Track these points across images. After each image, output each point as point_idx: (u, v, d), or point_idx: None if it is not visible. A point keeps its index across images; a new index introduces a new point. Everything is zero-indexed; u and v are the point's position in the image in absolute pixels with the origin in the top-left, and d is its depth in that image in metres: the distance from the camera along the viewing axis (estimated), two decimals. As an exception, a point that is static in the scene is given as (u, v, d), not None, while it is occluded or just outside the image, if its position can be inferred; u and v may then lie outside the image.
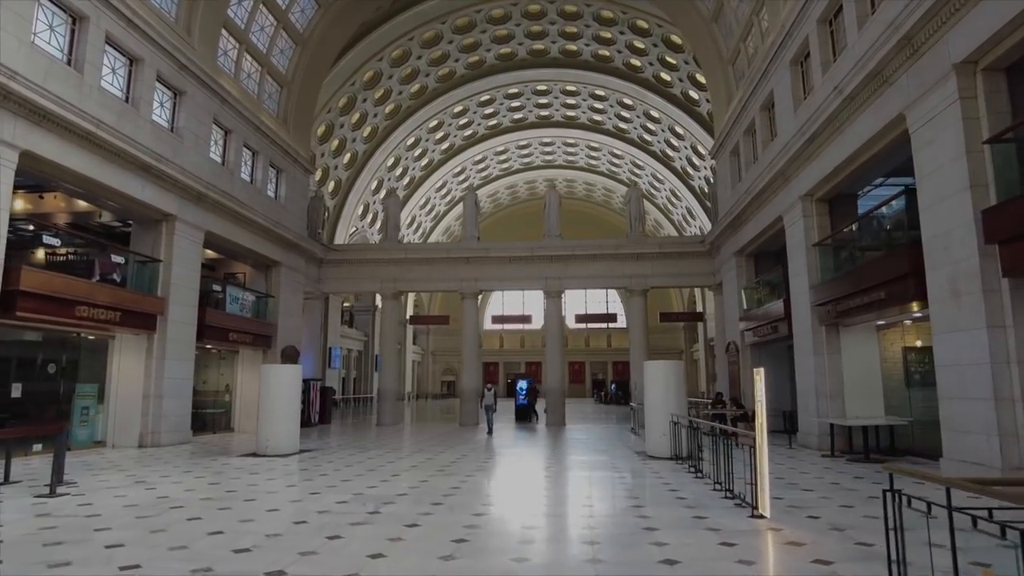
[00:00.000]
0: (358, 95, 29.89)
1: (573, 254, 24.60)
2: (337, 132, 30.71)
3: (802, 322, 15.13)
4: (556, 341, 24.76)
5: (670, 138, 33.69)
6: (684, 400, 13.37)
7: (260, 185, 21.22)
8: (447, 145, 39.94)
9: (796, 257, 15.50)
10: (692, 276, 24.67)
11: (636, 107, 33.36)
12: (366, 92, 30.15)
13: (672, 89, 29.64)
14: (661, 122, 32.80)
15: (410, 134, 35.56)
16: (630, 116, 35.02)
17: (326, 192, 33.03)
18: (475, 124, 38.85)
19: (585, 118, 38.37)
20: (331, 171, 32.28)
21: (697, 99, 28.79)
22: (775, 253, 20.51)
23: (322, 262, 25.67)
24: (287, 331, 22.70)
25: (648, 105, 32.04)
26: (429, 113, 34.62)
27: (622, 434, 19.59)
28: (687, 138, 31.80)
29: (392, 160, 36.75)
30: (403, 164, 38.38)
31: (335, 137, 30.86)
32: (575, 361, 67.32)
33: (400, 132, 34.64)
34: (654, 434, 13.19)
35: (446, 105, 34.66)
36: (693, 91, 28.48)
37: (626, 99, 33.13)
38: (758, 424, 7.25)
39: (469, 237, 25.07)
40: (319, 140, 29.77)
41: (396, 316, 25.50)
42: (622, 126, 36.89)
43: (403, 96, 32.49)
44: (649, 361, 13.83)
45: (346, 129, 31.25)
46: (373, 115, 32.21)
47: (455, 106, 35.33)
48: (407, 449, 15.05)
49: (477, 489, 9.21)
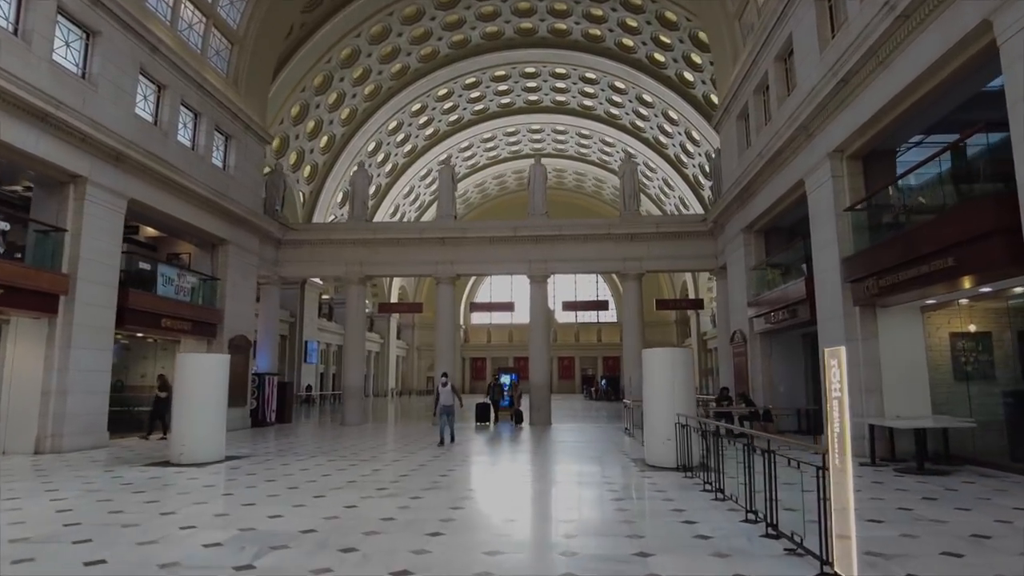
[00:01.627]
0: (334, 73, 27.40)
1: (560, 234, 22.08)
2: (312, 112, 28.19)
3: (830, 303, 12.69)
4: (541, 331, 22.26)
5: (663, 123, 31.65)
6: (692, 397, 10.90)
7: (203, 151, 18.54)
8: (431, 131, 37.45)
9: (822, 226, 13.05)
10: (692, 259, 22.21)
11: (628, 91, 31.26)
12: (343, 71, 27.67)
13: (666, 71, 27.45)
14: (654, 106, 30.72)
15: (391, 117, 33.16)
16: (622, 101, 32.92)
17: (302, 177, 30.51)
18: (460, 108, 36.58)
19: (575, 103, 36.36)
20: (306, 154, 29.76)
21: (692, 81, 26.59)
22: (789, 229, 18.10)
23: (280, 243, 23.02)
24: (237, 318, 20.06)
25: (641, 88, 29.91)
26: (411, 95, 32.26)
27: (615, 436, 17.13)
28: (681, 123, 29.77)
29: (373, 145, 34.34)
30: (385, 149, 35.94)
31: (310, 118, 28.32)
32: (564, 356, 65.33)
33: (381, 115, 32.32)
34: (655, 439, 10.71)
35: (429, 87, 32.35)
36: (688, 72, 26.29)
37: (618, 82, 30.97)
38: (828, 434, 4.73)
39: (445, 215, 22.50)
40: (293, 120, 27.29)
41: (363, 304, 22.91)
42: (613, 111, 34.82)
43: (383, 76, 30.06)
44: (649, 349, 11.35)
45: (322, 110, 28.74)
46: (351, 95, 29.81)
47: (439, 88, 33.00)
48: (358, 456, 12.49)
49: (417, 521, 6.69)
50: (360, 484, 9.09)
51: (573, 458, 12.22)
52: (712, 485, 8.22)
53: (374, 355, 56.16)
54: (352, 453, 12.92)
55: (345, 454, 12.79)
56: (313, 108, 28.06)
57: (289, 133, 27.70)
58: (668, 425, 10.41)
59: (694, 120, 28.04)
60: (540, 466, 11.26)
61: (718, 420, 15.50)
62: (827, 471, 4.55)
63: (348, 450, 13.53)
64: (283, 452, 13.28)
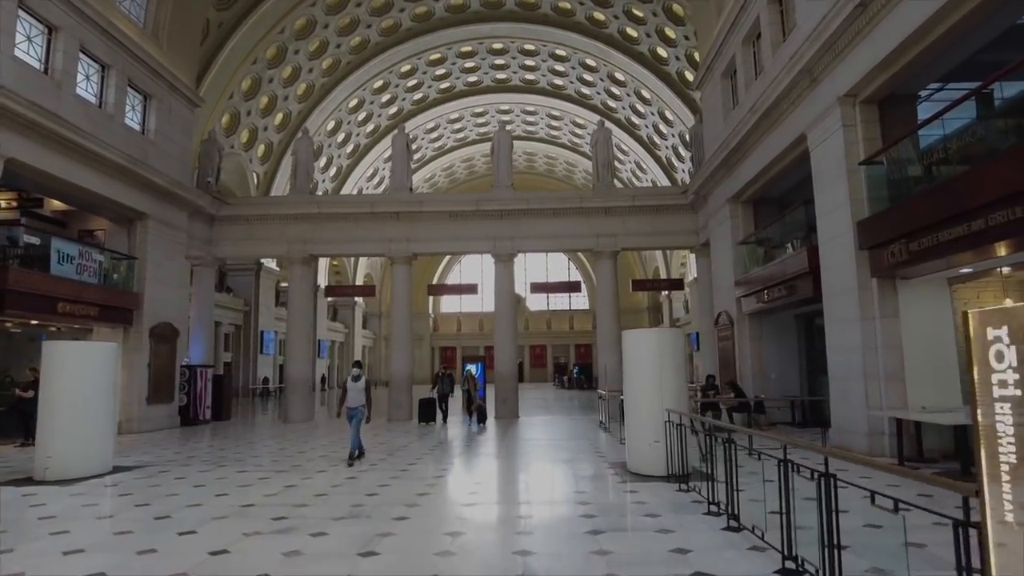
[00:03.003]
0: (288, 45, 24.93)
1: (528, 208, 19.93)
2: (265, 87, 25.68)
3: (840, 275, 10.79)
4: (508, 316, 20.15)
5: (636, 103, 29.96)
6: (684, 389, 8.89)
7: (112, 110, 15.95)
8: (395, 109, 35.04)
9: (830, 186, 11.12)
10: (671, 235, 20.24)
11: (600, 69, 29.43)
12: (299, 42, 25.22)
13: (639, 46, 25.59)
14: (627, 85, 28.95)
15: (351, 95, 30.78)
16: (593, 79, 31.11)
17: (255, 156, 27.94)
18: (425, 87, 34.34)
19: (545, 82, 34.45)
20: (259, 132, 27.27)
21: (666, 57, 24.76)
22: (780, 199, 16.27)
23: (214, 219, 20.48)
24: (160, 304, 17.57)
25: (613, 66, 28.09)
26: (373, 71, 29.93)
27: (589, 431, 15.15)
28: (655, 103, 28.08)
29: (332, 124, 31.93)
30: (345, 129, 33.51)
31: (263, 93, 25.79)
32: (536, 344, 63.75)
33: (340, 91, 29.97)
34: (639, 441, 8.70)
35: (392, 63, 30.02)
36: (662, 48, 24.46)
37: (589, 59, 29.04)
38: (980, 460, 2.67)
39: (399, 187, 20.19)
40: (244, 95, 24.79)
41: (307, 287, 20.53)
42: (585, 91, 33.01)
43: (342, 50, 27.63)
44: (632, 331, 9.30)
45: (276, 85, 26.19)
46: (308, 70, 27.38)
47: (402, 64, 30.71)
48: (277, 466, 10.27)
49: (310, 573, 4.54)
50: (257, 510, 6.90)
51: (539, 465, 10.14)
52: (718, 505, 6.23)
53: (338, 345, 53.66)
54: (272, 461, 10.68)
55: (263, 462, 10.55)
56: (266, 82, 25.58)
57: (240, 109, 25.20)
58: (655, 424, 8.40)
59: (668, 99, 26.51)
60: (496, 479, 9.18)
61: (703, 413, 13.78)
62: (984, 529, 2.50)
63: (270, 457, 11.29)
64: (190, 459, 10.99)
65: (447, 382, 18.64)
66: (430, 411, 17.79)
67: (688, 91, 25.22)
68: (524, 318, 63.46)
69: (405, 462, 10.21)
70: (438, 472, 9.30)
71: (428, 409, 17.78)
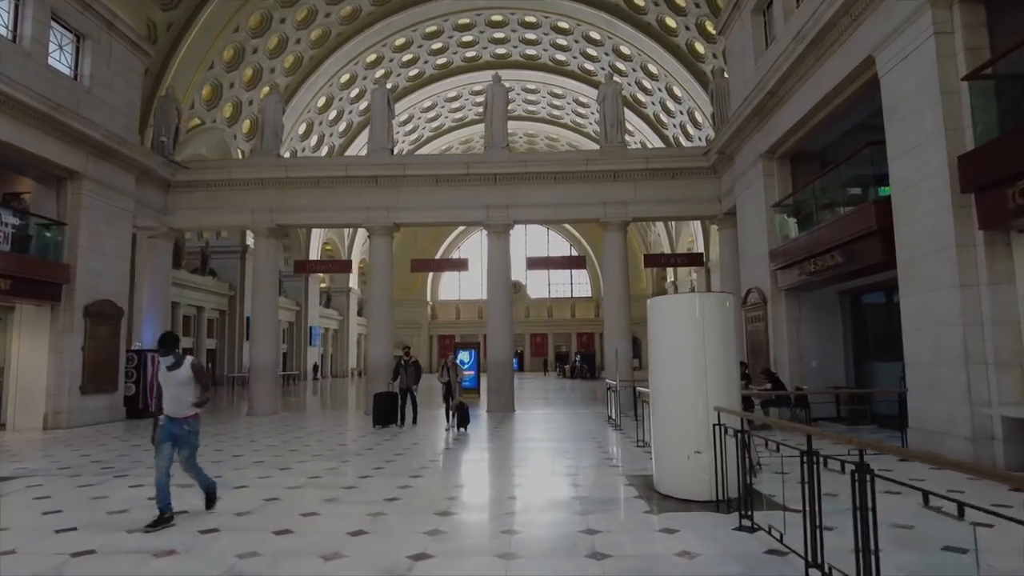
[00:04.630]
0: (274, 13, 22.61)
1: (526, 172, 17.37)
2: (249, 58, 23.25)
3: (926, 230, 8.28)
4: (502, 296, 17.67)
5: (642, 79, 27.66)
6: (736, 377, 6.40)
7: (30, 45, 13.41)
8: (389, 86, 32.30)
9: (913, 117, 8.57)
10: (690, 203, 17.66)
11: (604, 42, 27.09)
12: (284, 10, 22.89)
13: (646, 16, 23.19)
14: (633, 60, 26.59)
15: (343, 68, 28.36)
16: (598, 54, 28.70)
17: (240, 132, 25.45)
18: (421, 62, 31.89)
19: (547, 57, 32.02)
20: (244, 106, 24.84)
21: (675, 28, 22.43)
22: (821, 154, 13.73)
23: (169, 185, 17.98)
24: (97, 277, 15.11)
25: (618, 39, 25.73)
26: (365, 44, 27.52)
27: (596, 429, 12.70)
28: (662, 78, 25.92)
29: (323, 100, 29.59)
30: (337, 106, 31.10)
31: (247, 64, 23.33)
32: (537, 333, 61.57)
33: (330, 65, 27.53)
34: (672, 451, 6.22)
35: (385, 35, 27.65)
36: (671, 17, 22.16)
37: (593, 32, 26.70)
38: None
39: (379, 149, 17.62)
40: (225, 65, 22.44)
41: (273, 263, 18.01)
42: (588, 67, 30.69)
43: (332, 20, 25.23)
44: (661, 298, 6.77)
45: (261, 55, 23.75)
46: (295, 41, 25.01)
47: (396, 37, 28.33)
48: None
49: None
50: (88, 564, 4.45)
51: (533, 483, 7.63)
52: (821, 569, 3.76)
53: (332, 333, 51.33)
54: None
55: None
56: (250, 53, 23.12)
57: (222, 80, 22.75)
58: (697, 427, 5.94)
59: (675, 72, 24.29)
60: (481, 493, 6.75)
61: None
62: None
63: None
64: (92, 465, 8.55)
65: (410, 372, 13.70)
66: (390, 410, 13.48)
67: (698, 64, 23.05)
68: (524, 306, 61.12)
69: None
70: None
71: (387, 407, 13.48)
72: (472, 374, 23.61)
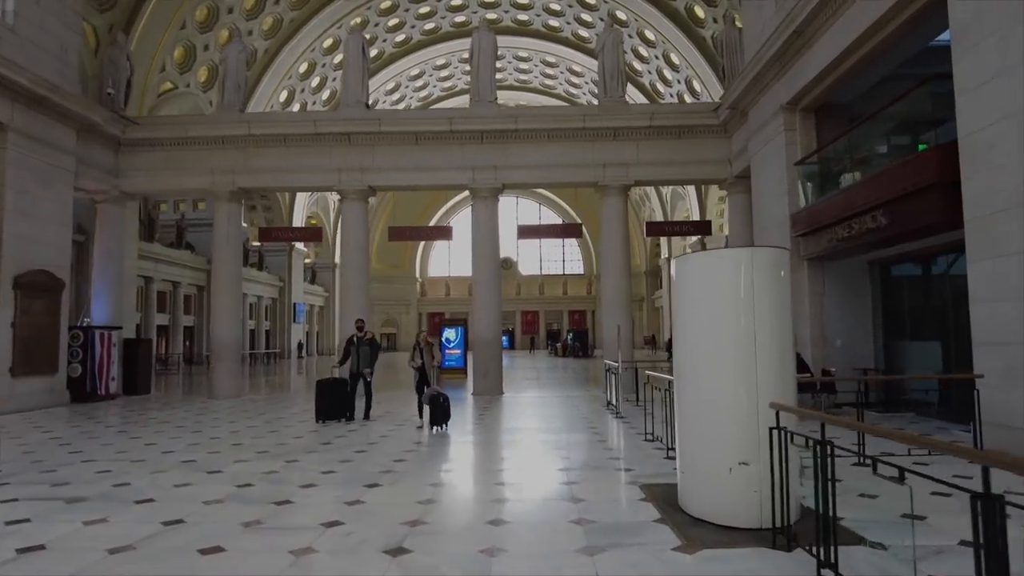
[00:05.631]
0: None
1: (516, 128, 15.61)
2: (224, 18, 21.50)
3: (1006, 184, 6.68)
4: (488, 267, 16.01)
5: (638, 46, 26.33)
6: (791, 369, 4.79)
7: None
8: (375, 52, 30.50)
9: (991, 40, 6.92)
10: (697, 165, 15.95)
11: (600, 7, 25.61)
12: None
13: None
14: (629, 25, 25.31)
15: (325, 32, 26.59)
16: (592, 19, 27.27)
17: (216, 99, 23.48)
18: (408, 26, 30.15)
19: (540, 23, 30.40)
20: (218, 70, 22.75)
21: None
22: (849, 107, 12.07)
23: (120, 144, 16.13)
24: (30, 245, 13.32)
25: (614, 2, 24.51)
26: (349, 6, 25.93)
27: (593, 416, 11.17)
28: (659, 44, 24.59)
29: (305, 66, 27.62)
30: (320, 72, 29.23)
31: (222, 24, 21.54)
32: (528, 311, 60.24)
33: (313, 28, 25.77)
34: (706, 462, 4.62)
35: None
36: None
37: None
38: None
39: (352, 103, 15.80)
40: (198, 26, 20.68)
41: (236, 230, 16.23)
42: (583, 33, 29.32)
43: None
44: (693, 255, 5.09)
45: (237, 16, 21.97)
46: (274, 1, 23.02)
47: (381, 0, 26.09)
48: (90, 487, 6.24)
49: None
50: None
51: (524, 497, 6.05)
52: None
53: (317, 310, 49.68)
54: (95, 477, 6.61)
55: (71, 478, 6.47)
56: (225, 12, 21.33)
57: (195, 42, 20.97)
58: (743, 431, 4.37)
59: (675, 40, 23.00)
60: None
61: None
62: None
63: (113, 462, 7.22)
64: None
65: (364, 353, 10.98)
66: (338, 400, 10.62)
67: (698, 30, 21.65)
68: (515, 283, 59.58)
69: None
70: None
71: (333, 397, 10.57)
72: (459, 353, 22.15)
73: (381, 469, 6.82)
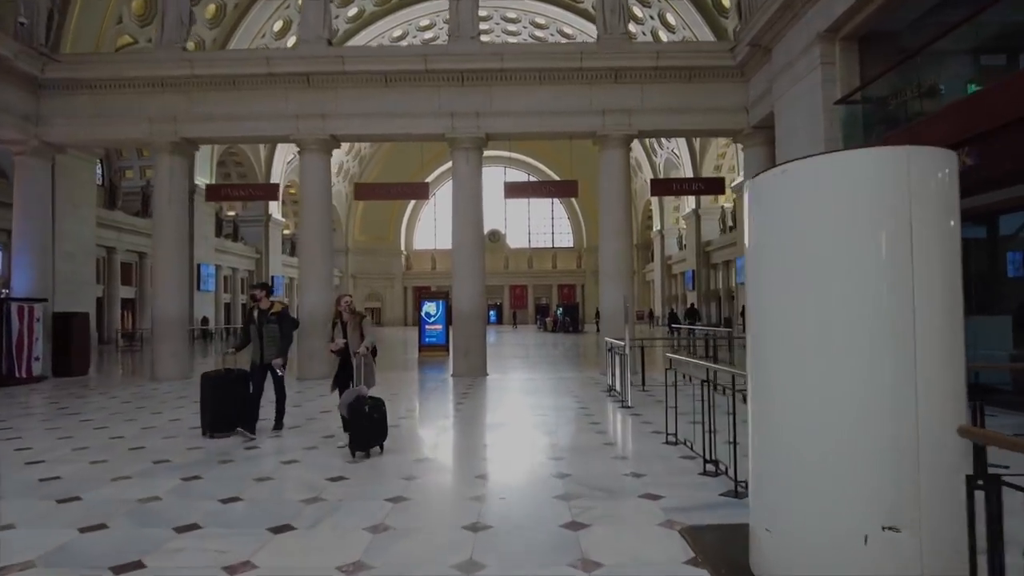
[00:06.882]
0: None
1: (502, 68, 13.43)
2: None
3: None
4: (471, 231, 14.00)
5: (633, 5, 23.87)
6: (962, 368, 2.85)
7: None
8: (355, 11, 27.74)
9: None
10: (710, 112, 13.81)
11: None
12: None
13: None
14: None
15: None
16: None
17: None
18: None
19: None
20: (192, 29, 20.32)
21: None
22: (899, 36, 10.05)
23: (39, 86, 13.82)
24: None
25: None
26: None
27: (593, 403, 9.29)
28: (655, 4, 22.11)
29: (280, 24, 25.18)
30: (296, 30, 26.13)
31: None
32: (517, 284, 58.38)
33: None
34: (814, 519, 2.71)
35: None
36: None
37: None
38: None
39: (312, 39, 13.54)
40: None
41: (178, 187, 14.00)
42: None
43: None
44: (791, 164, 3.08)
45: None
46: None
47: None
48: None
49: None
50: None
51: (502, 554, 4.16)
52: None
53: (297, 283, 47.47)
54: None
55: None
56: None
57: None
58: (890, 473, 2.44)
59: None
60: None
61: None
62: None
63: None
64: None
65: (272, 334, 7.42)
66: (231, 406, 7.22)
67: None
68: (503, 256, 57.47)
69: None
70: None
71: (223, 403, 7.19)
72: (440, 328, 20.21)
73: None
